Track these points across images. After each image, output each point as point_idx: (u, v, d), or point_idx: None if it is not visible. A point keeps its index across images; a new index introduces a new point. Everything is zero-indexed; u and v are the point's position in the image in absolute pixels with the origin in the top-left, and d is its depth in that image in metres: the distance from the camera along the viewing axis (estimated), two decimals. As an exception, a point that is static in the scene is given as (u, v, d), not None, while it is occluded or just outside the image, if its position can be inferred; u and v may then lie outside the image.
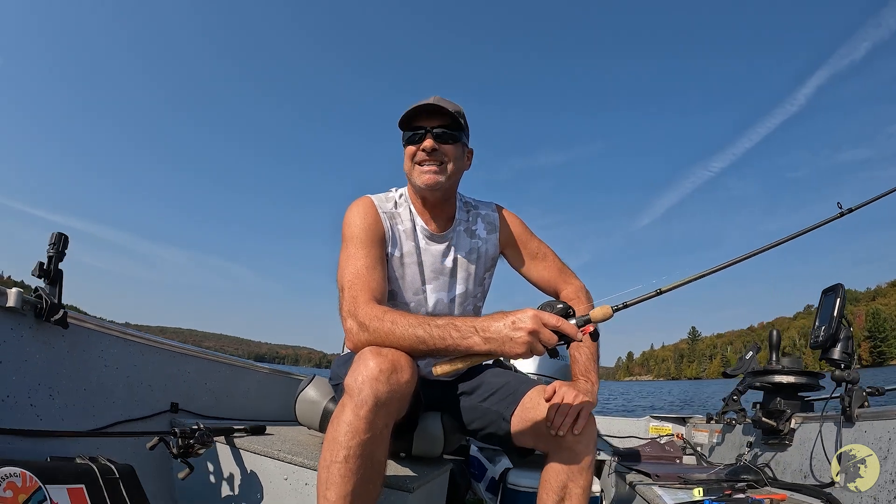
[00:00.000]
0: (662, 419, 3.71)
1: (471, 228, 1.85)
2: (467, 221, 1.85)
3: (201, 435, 1.73)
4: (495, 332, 1.27)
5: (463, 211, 1.86)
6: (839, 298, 2.07)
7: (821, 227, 1.82)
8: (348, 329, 1.45)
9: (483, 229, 1.86)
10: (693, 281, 1.45)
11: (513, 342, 1.25)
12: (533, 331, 1.24)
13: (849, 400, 1.94)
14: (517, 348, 1.26)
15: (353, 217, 1.69)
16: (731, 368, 2.66)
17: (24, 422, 1.59)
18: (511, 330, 1.26)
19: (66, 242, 1.68)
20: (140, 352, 2.05)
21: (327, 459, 1.25)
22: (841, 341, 2.04)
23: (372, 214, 1.71)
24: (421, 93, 9.50)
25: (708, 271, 1.48)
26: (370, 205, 1.74)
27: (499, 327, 1.27)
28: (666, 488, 1.99)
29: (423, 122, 1.68)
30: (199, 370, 2.37)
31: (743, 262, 1.55)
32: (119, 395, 1.93)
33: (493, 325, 1.28)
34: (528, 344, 1.25)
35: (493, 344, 1.27)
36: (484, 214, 1.89)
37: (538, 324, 1.25)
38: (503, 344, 1.26)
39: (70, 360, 1.76)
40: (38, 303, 1.63)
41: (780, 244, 1.69)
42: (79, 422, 1.76)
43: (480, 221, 1.87)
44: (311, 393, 1.95)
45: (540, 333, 1.25)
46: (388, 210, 1.75)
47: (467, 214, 1.86)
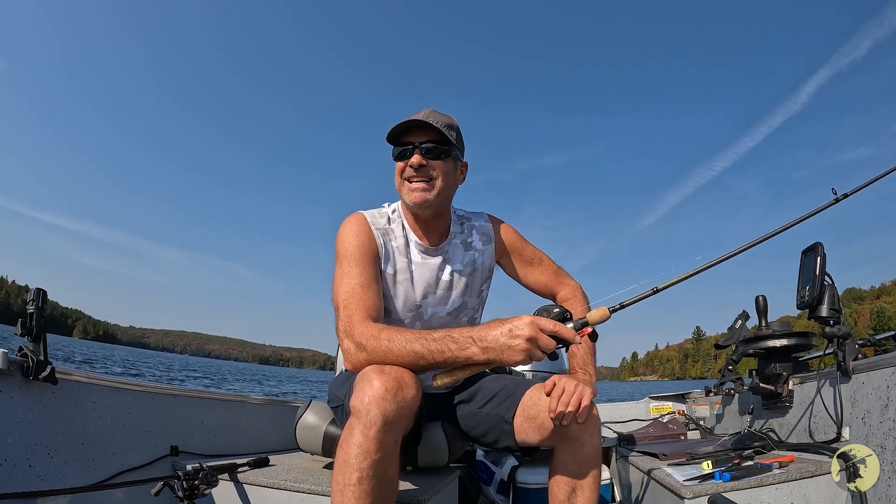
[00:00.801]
0: (662, 398, 3.73)
1: (466, 241, 1.85)
2: (462, 234, 1.85)
3: (205, 475, 1.71)
4: (493, 340, 1.28)
5: (457, 224, 1.86)
6: (819, 256, 2.09)
7: (818, 213, 1.88)
8: (345, 349, 1.44)
9: (479, 241, 1.87)
10: (689, 277, 1.47)
11: (511, 350, 1.26)
12: (531, 337, 1.25)
13: (842, 354, 1.96)
14: (516, 356, 1.26)
15: (346, 235, 1.68)
16: (722, 340, 2.68)
17: (25, 484, 1.56)
18: (509, 338, 1.26)
19: (45, 297, 1.67)
20: (132, 398, 2.03)
21: (340, 483, 1.23)
22: (827, 298, 2.06)
23: (365, 231, 1.70)
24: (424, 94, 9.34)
25: (703, 267, 1.50)
26: (363, 222, 1.73)
27: (496, 336, 1.28)
28: (675, 466, 1.99)
29: (411, 137, 1.67)
30: (195, 409, 2.34)
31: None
32: (117, 445, 1.91)
33: (490, 334, 1.28)
34: (526, 351, 1.26)
35: (492, 353, 1.28)
36: (478, 226, 1.89)
37: (535, 330, 1.26)
38: (502, 352, 1.27)
39: (63, 415, 1.74)
40: (24, 361, 1.62)
41: (777, 234, 1.72)
42: (80, 477, 1.74)
43: (475, 233, 1.87)
44: (310, 418, 1.94)
45: (538, 339, 1.26)
46: (381, 226, 1.74)
47: (462, 227, 1.86)
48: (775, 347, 2.40)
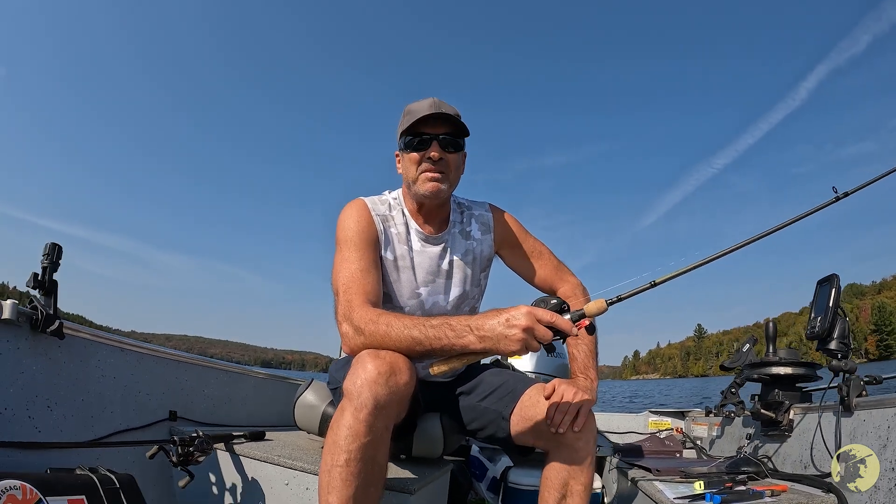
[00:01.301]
0: (661, 414, 3.71)
1: (465, 230, 1.84)
2: (461, 223, 1.85)
3: (201, 442, 1.72)
4: (490, 329, 1.27)
5: (457, 212, 1.85)
6: (834, 289, 2.07)
7: (818, 211, 1.83)
8: (344, 333, 1.45)
9: (477, 230, 1.86)
10: (687, 272, 1.45)
11: (508, 339, 1.25)
12: (527, 327, 1.24)
13: (847, 389, 1.94)
14: (512, 345, 1.26)
15: (346, 220, 1.69)
16: (728, 361, 2.67)
17: (23, 434, 1.58)
18: (505, 327, 1.26)
19: (60, 252, 1.68)
20: (137, 360, 2.05)
21: (328, 463, 1.25)
22: (837, 331, 2.05)
23: (366, 217, 1.70)
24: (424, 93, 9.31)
25: (700, 262, 1.48)
26: (364, 207, 1.73)
27: (493, 325, 1.27)
28: (667, 483, 1.99)
29: (428, 128, 1.66)
30: (197, 377, 2.36)
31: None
32: (117, 405, 1.93)
33: (487, 322, 1.28)
34: (522, 341, 1.25)
35: (489, 342, 1.27)
36: (478, 215, 1.88)
37: (532, 320, 1.25)
38: (498, 342, 1.26)
39: (67, 370, 1.76)
40: (33, 314, 1.63)
41: (776, 231, 1.68)
42: (78, 432, 1.76)
43: (474, 222, 1.86)
44: (310, 397, 1.95)
45: (534, 330, 1.25)
46: (381, 213, 1.75)
47: (461, 216, 1.86)
48: (780, 375, 2.38)
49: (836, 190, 1.89)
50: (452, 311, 1.81)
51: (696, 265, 1.47)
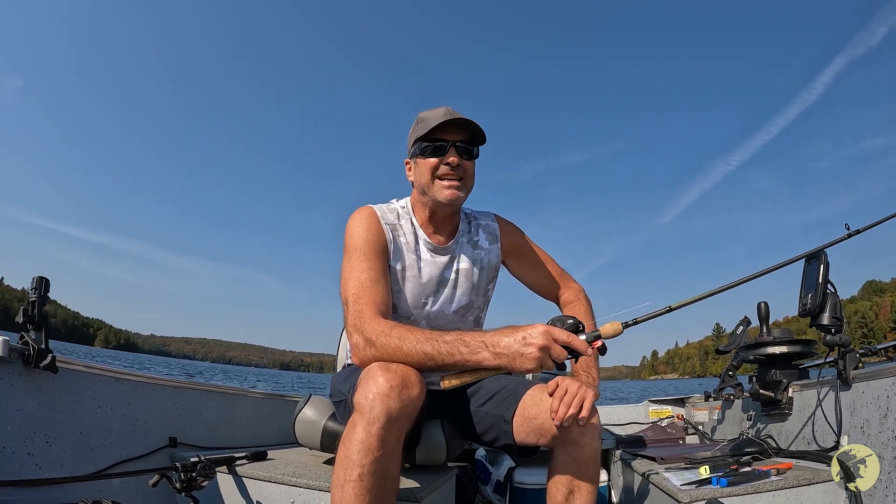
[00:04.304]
0: (661, 402, 3.72)
1: (473, 239, 1.85)
2: (469, 233, 1.85)
3: (203, 467, 1.71)
4: (505, 347, 1.28)
5: (465, 222, 1.86)
6: (822, 265, 2.09)
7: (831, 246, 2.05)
8: (354, 344, 1.44)
9: (485, 240, 1.87)
10: (702, 299, 1.52)
11: (523, 358, 1.26)
12: (544, 346, 1.26)
13: (843, 363, 1.96)
14: (528, 364, 1.27)
15: (355, 227, 1.67)
16: (723, 345, 2.68)
17: (24, 472, 1.57)
18: (522, 346, 1.26)
19: (48, 286, 1.67)
20: (132, 389, 2.03)
21: (341, 478, 1.24)
22: (829, 306, 2.06)
23: (375, 225, 1.69)
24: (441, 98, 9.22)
25: (716, 290, 1.57)
26: (372, 215, 1.72)
27: (509, 343, 1.28)
28: (673, 470, 1.99)
29: (445, 134, 1.66)
30: (194, 402, 2.35)
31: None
32: (116, 435, 1.91)
33: (503, 340, 1.29)
34: (538, 360, 1.26)
35: (504, 359, 1.28)
36: (484, 225, 1.89)
37: (549, 339, 1.26)
38: (514, 359, 1.27)
39: (63, 404, 1.75)
40: (25, 349, 1.62)
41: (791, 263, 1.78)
42: (78, 466, 1.74)
43: (482, 232, 1.88)
44: (309, 413, 1.94)
45: (550, 349, 1.27)
46: (390, 221, 1.74)
47: (469, 225, 1.87)
48: (776, 354, 2.40)
49: (849, 227, 2.09)
50: (457, 321, 1.81)
51: (712, 293, 1.55)
